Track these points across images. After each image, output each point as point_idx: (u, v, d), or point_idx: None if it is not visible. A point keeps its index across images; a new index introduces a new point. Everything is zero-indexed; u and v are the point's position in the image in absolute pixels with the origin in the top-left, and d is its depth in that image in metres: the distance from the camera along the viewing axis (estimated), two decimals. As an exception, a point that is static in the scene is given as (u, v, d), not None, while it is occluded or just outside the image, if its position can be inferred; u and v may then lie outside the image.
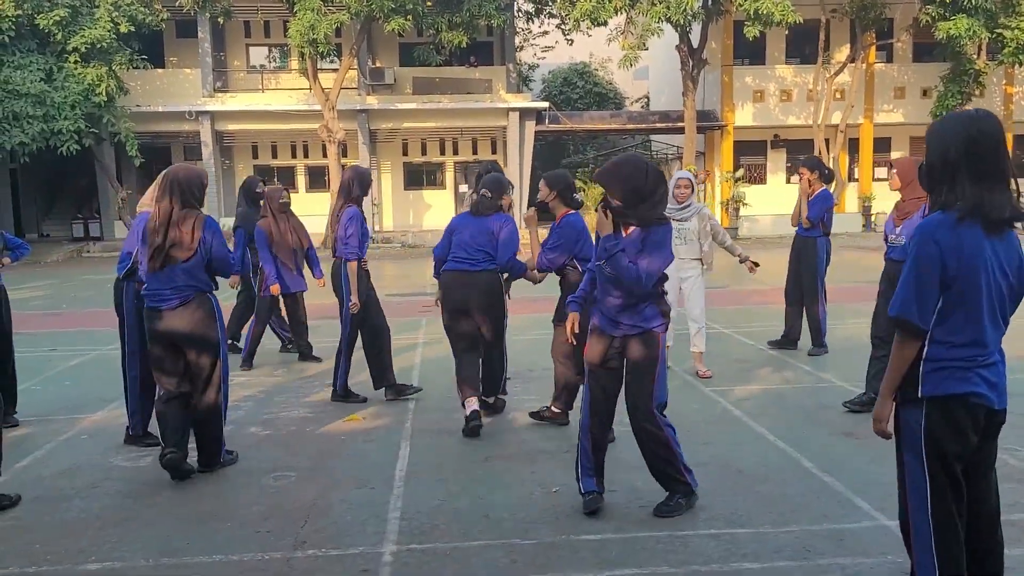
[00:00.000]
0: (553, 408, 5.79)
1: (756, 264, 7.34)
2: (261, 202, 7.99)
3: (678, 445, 4.27)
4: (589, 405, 4.19)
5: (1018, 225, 2.71)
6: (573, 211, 5.52)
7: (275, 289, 7.66)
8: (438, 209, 29.11)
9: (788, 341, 8.28)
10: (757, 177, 29.29)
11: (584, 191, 27.02)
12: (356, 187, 6.45)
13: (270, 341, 9.19)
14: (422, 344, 8.98)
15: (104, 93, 23.35)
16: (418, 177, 29.99)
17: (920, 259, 2.64)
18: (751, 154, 29.24)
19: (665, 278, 4.15)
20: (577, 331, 4.47)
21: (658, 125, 29.37)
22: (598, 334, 4.15)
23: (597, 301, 4.18)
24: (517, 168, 27.11)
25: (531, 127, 27.87)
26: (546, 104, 28.84)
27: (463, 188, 30.09)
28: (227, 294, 7.96)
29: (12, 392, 6.12)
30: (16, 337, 6.95)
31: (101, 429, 6.03)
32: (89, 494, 4.72)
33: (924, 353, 2.69)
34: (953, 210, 2.64)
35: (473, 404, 5.61)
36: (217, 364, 4.90)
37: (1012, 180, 2.70)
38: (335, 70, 26.15)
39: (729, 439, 5.43)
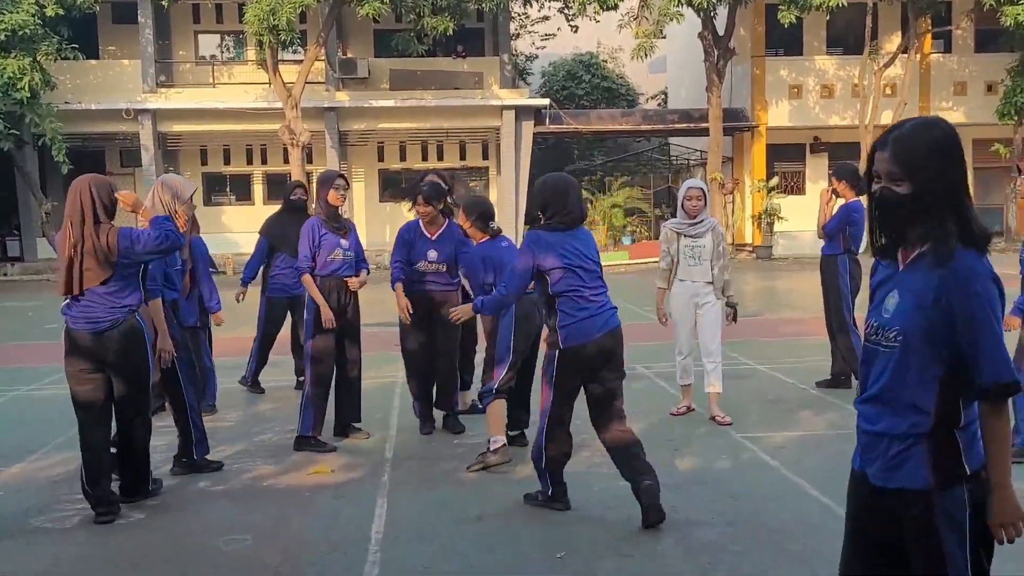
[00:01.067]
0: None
1: (734, 316, 7.22)
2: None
3: None
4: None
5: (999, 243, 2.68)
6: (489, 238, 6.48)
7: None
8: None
9: (836, 380, 8.29)
10: (794, 186, 29.43)
11: (592, 203, 27.15)
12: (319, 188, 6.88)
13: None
14: (401, 383, 8.98)
15: (27, 88, 23.48)
16: (395, 186, 30.13)
17: (997, 310, 2.46)
18: (787, 160, 29.44)
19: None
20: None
21: (678, 126, 29.59)
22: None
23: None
24: (512, 177, 27.29)
25: (529, 128, 28.06)
26: (546, 101, 29.09)
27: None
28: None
29: None
30: None
31: (22, 484, 6.02)
32: (5, 561, 4.70)
33: (959, 420, 2.50)
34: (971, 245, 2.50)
35: None
36: (145, 393, 5.39)
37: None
38: (299, 62, 26.37)
39: (761, 492, 5.46)
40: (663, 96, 38.88)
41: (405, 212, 7.79)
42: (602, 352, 5.05)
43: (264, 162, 29.38)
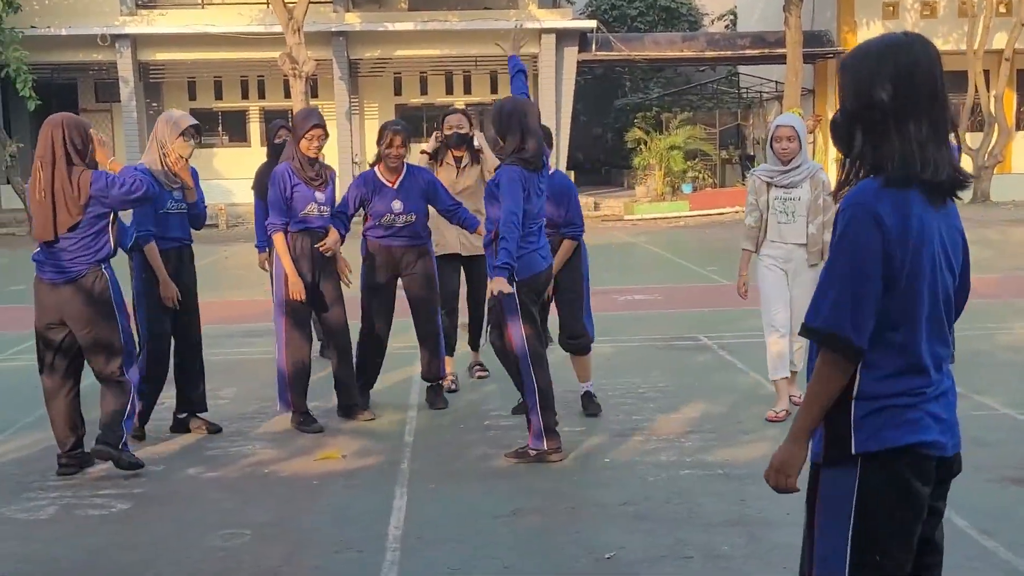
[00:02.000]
0: None
1: None
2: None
3: None
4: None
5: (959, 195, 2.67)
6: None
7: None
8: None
9: None
10: (887, 124, 29.02)
11: (646, 144, 26.97)
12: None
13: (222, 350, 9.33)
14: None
15: (-13, 11, 23.63)
16: (416, 124, 30.02)
17: (857, 245, 2.54)
18: (879, 92, 29.00)
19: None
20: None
21: (749, 52, 29.25)
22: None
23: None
24: (552, 113, 27.11)
25: (572, 55, 27.85)
26: (593, 24, 28.81)
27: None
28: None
29: None
30: None
31: (-13, 469, 6.11)
32: (-28, 557, 4.79)
33: (854, 389, 2.59)
34: (881, 175, 2.58)
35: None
36: (112, 351, 5.75)
37: (954, 131, 2.65)
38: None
39: (850, 488, 5.42)
40: (732, 17, 38.40)
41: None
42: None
43: (262, 96, 29.47)
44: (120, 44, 26.81)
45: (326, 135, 6.90)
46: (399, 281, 7.26)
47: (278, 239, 6.77)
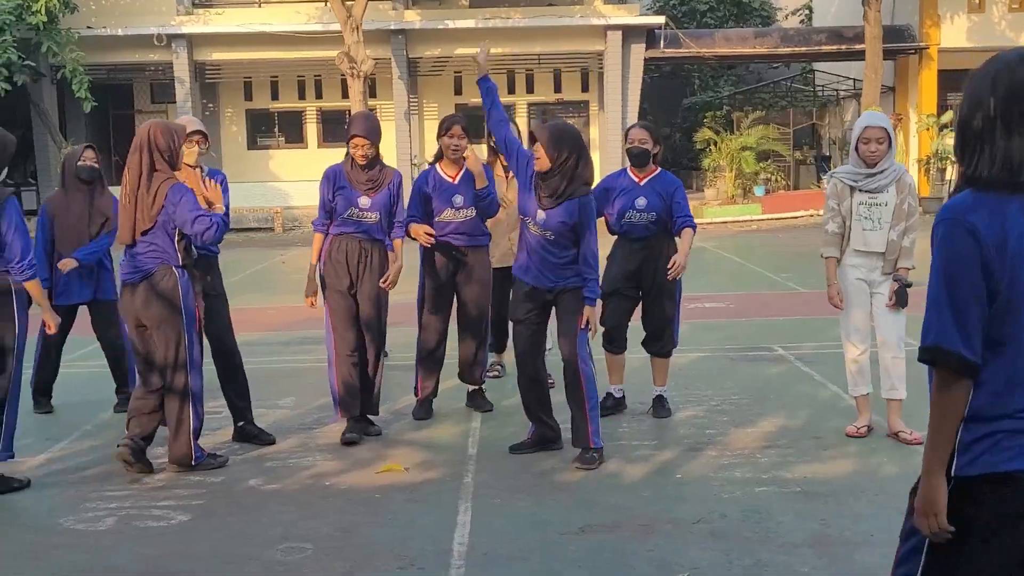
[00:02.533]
0: None
1: (898, 298, 6.47)
2: None
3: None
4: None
5: None
6: None
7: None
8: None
9: None
10: (973, 123, 28.60)
11: (716, 144, 26.82)
12: None
13: (280, 357, 9.39)
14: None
15: (43, 11, 24.15)
16: (477, 125, 30.02)
17: (953, 257, 2.54)
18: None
19: None
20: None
21: (825, 48, 28.96)
22: None
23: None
24: (618, 113, 27.08)
25: (639, 52, 27.78)
26: (661, 19, 28.73)
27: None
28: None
29: None
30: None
31: (49, 477, 6.24)
32: (30, 571, 4.88)
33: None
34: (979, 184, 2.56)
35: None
36: (180, 346, 6.04)
37: None
38: (361, -26, 26.49)
39: (937, 508, 5.34)
40: (807, 12, 38.03)
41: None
42: None
43: (319, 96, 29.74)
44: (176, 44, 27.24)
45: (371, 145, 6.77)
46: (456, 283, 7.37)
47: (317, 239, 6.89)
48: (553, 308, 6.37)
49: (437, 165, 7.33)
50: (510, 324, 6.69)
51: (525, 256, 6.30)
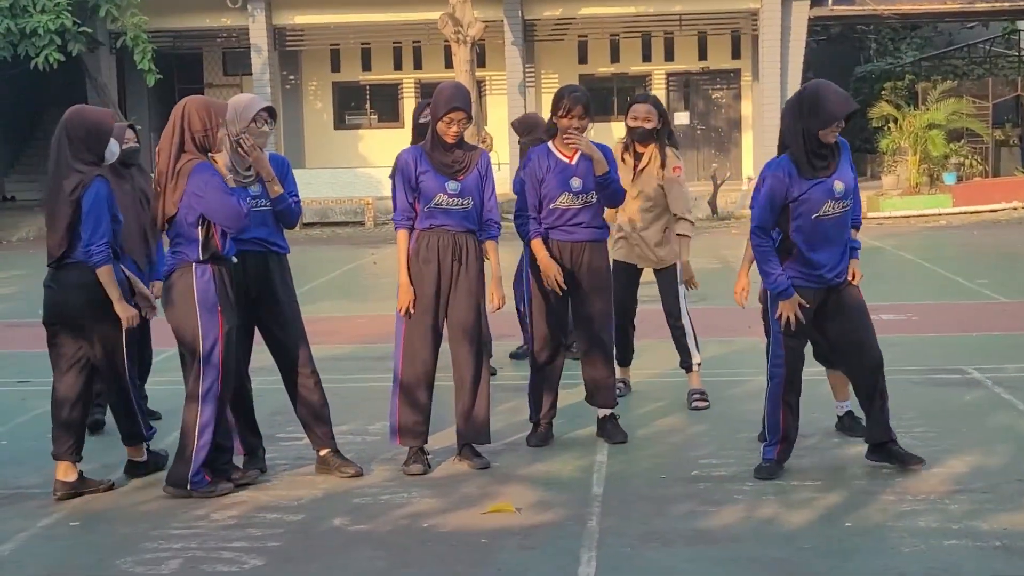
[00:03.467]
0: None
1: None
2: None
3: None
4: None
5: None
6: None
7: None
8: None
9: None
10: None
11: (897, 122, 26.37)
12: None
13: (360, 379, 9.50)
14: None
15: (102, -31, 24.74)
16: (605, 99, 30.21)
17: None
18: None
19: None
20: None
21: (1032, 4, 28.27)
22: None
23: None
24: (776, 84, 26.80)
25: (803, 11, 27.50)
26: (830, -30, 28.36)
27: (680, 117, 30.03)
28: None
29: None
30: None
31: (101, 513, 6.39)
32: (85, 616, 5.02)
33: None
34: None
35: None
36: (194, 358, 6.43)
37: None
38: (468, -79, 26.72)
39: None
40: (1010, -42, 37.23)
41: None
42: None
43: (418, 67, 30.07)
44: (252, 5, 27.75)
45: (468, 119, 6.87)
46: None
47: (401, 236, 6.94)
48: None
49: (551, 143, 7.41)
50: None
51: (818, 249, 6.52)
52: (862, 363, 6.63)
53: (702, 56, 29.95)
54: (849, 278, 6.59)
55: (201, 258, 6.36)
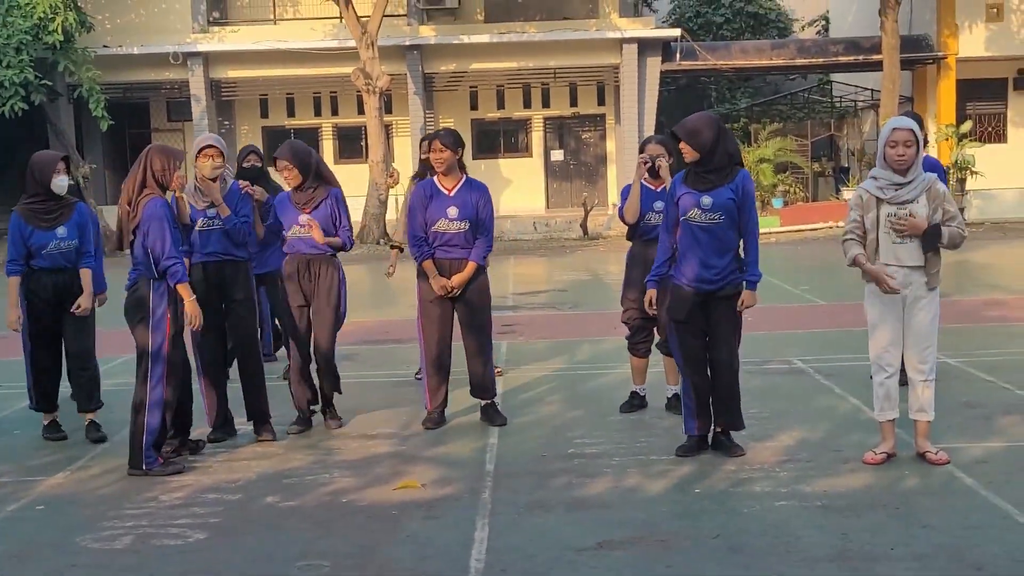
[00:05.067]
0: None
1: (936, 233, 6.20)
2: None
3: None
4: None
5: None
6: None
7: None
8: (522, 184, 29.30)
9: None
10: (992, 133, 28.51)
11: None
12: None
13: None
14: (502, 379, 9.04)
15: (60, 30, 24.29)
16: (492, 140, 30.27)
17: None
18: (983, 99, 28.55)
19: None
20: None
21: (842, 59, 28.91)
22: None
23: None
24: (634, 126, 27.08)
25: (655, 65, 27.79)
26: (677, 32, 28.74)
27: (555, 155, 30.20)
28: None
29: None
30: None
31: (63, 497, 6.27)
32: (50, 586, 4.90)
33: None
34: None
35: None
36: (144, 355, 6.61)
37: None
38: (375, -10, 26.61)
39: (957, 519, 5.33)
40: (823, 23, 38.01)
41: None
42: None
43: (335, 113, 29.82)
44: (192, 62, 27.35)
45: (295, 168, 7.63)
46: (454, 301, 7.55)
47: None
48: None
49: (435, 178, 7.56)
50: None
51: (689, 255, 6.49)
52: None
53: (573, 103, 30.10)
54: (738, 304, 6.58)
55: (156, 275, 6.48)
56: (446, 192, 7.43)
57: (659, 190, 7.39)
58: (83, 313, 7.41)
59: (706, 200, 6.40)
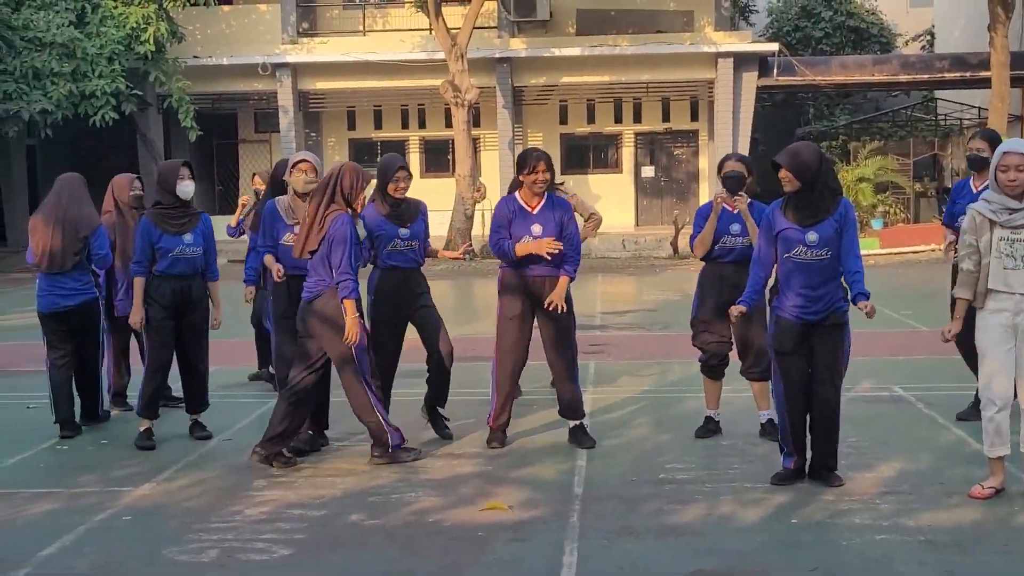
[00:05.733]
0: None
1: None
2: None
3: None
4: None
5: None
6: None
7: None
8: (611, 200, 29.24)
9: None
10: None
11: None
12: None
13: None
14: (589, 400, 9.02)
15: (151, 40, 24.90)
16: (582, 155, 30.32)
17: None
18: (1098, 118, 27.84)
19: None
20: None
21: (948, 76, 28.46)
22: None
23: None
24: (728, 143, 26.90)
25: (751, 81, 27.62)
26: (775, 46, 28.57)
27: (646, 171, 30.12)
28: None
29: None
30: (32, 378, 8.48)
31: (149, 509, 6.39)
32: (136, 598, 5.01)
33: None
34: None
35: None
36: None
37: None
38: (466, 2, 26.84)
39: (1072, 561, 5.18)
40: (928, 37, 37.40)
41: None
42: None
43: (422, 125, 30.10)
44: (280, 73, 27.84)
45: (409, 176, 7.67)
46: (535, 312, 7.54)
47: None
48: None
49: (516, 194, 7.57)
50: None
51: (795, 293, 6.42)
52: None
53: (666, 118, 30.01)
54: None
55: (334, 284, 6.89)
56: (529, 209, 7.46)
57: (736, 212, 7.36)
58: (214, 327, 7.92)
59: (812, 237, 6.31)
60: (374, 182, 7.48)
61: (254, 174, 11.33)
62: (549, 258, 7.27)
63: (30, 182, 28.69)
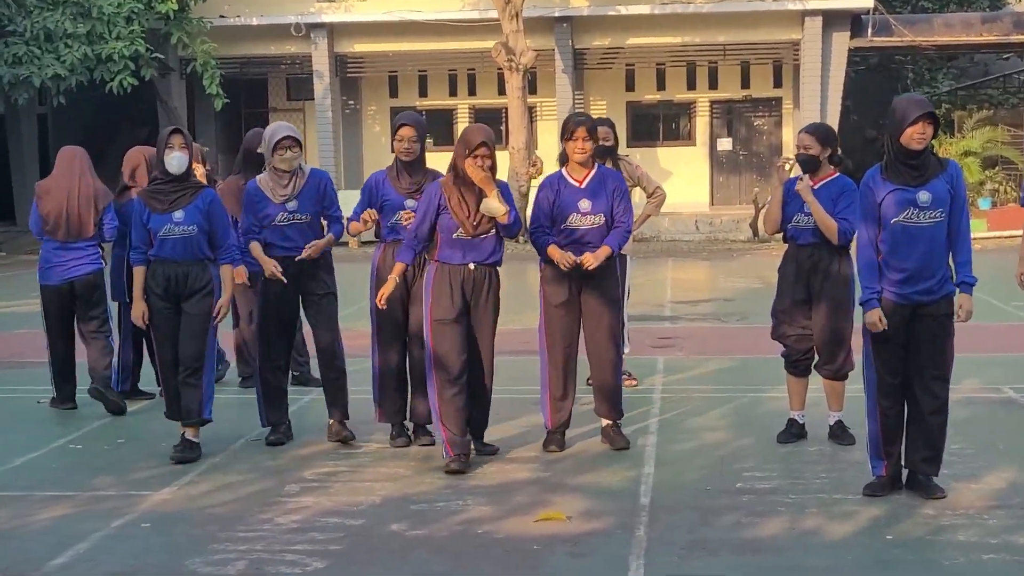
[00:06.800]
0: None
1: None
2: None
3: None
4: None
5: None
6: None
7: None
8: (683, 176, 29.09)
9: None
10: None
11: (935, 146, 26.16)
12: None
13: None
14: (659, 399, 9.01)
15: (174, -1, 25.06)
16: (650, 125, 30.19)
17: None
18: None
19: None
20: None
21: (1067, 37, 28.03)
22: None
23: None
24: (816, 111, 26.67)
25: (843, 41, 27.36)
26: (869, 3, 28.19)
27: (723, 143, 29.95)
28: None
29: None
30: (43, 370, 8.99)
31: (170, 516, 6.44)
32: (156, 613, 5.06)
33: None
34: None
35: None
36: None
37: None
38: (521, -46, 26.80)
39: None
40: (1045, -7, 36.87)
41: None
42: None
43: (472, 93, 30.13)
44: (315, 34, 27.95)
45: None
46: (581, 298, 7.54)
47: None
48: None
49: (563, 169, 7.58)
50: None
51: (900, 269, 6.31)
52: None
53: (745, 84, 29.82)
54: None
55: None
56: (576, 184, 7.45)
57: (816, 187, 7.34)
58: (218, 321, 7.70)
59: (924, 196, 6.23)
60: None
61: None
62: (591, 243, 7.34)
63: (40, 156, 29.04)
